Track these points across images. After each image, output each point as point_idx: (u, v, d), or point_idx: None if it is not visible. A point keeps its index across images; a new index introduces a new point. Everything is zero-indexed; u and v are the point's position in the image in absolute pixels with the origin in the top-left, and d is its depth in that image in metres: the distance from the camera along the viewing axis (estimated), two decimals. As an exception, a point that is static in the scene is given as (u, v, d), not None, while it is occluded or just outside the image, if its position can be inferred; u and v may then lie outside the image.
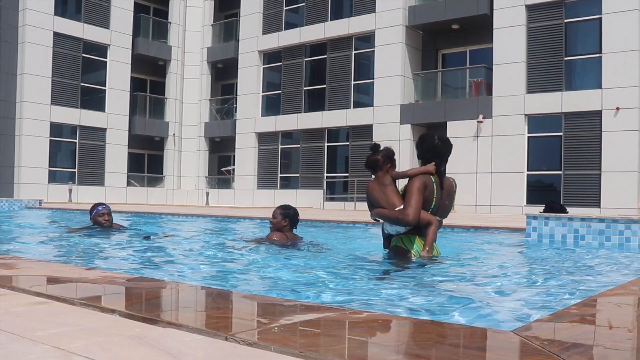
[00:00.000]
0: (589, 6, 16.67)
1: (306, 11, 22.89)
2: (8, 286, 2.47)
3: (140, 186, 26.13)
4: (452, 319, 2.38)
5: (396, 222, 4.15)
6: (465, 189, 18.29)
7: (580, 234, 6.30)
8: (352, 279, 3.68)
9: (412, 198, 4.05)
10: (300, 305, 2.32)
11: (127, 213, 13.55)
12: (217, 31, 27.16)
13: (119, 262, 4.29)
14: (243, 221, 11.20)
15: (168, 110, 26.93)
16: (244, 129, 24.40)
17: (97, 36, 24.06)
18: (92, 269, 3.24)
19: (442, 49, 20.83)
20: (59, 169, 23.40)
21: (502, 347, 1.67)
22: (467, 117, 18.31)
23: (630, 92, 15.73)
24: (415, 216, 4.03)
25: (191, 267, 4.20)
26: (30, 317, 1.92)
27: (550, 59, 17.24)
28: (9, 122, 22.34)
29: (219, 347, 1.58)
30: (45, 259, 4.18)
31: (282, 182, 23.55)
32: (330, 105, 22.02)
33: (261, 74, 24.48)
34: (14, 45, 22.35)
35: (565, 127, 16.95)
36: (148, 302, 2.35)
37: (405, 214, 4.03)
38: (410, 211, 4.02)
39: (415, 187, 4.09)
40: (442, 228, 4.62)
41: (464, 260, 4.81)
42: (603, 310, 2.35)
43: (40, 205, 16.54)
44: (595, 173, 16.33)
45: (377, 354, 1.58)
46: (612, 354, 1.61)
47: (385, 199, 4.22)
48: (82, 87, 23.88)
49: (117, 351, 1.53)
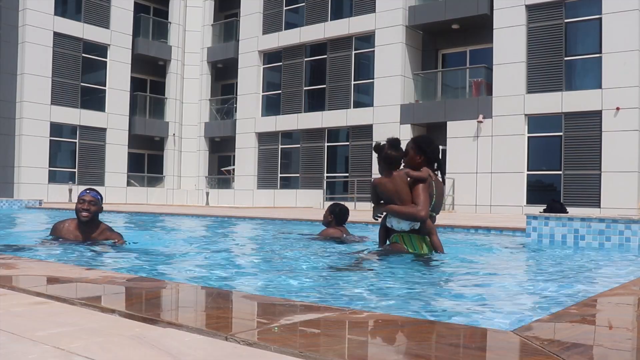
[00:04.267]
0: (589, 6, 16.67)
1: (306, 11, 22.89)
2: (8, 286, 2.47)
3: (140, 186, 26.13)
4: (452, 319, 2.38)
5: (410, 219, 4.39)
6: (465, 189, 18.29)
7: (580, 234, 6.30)
8: (351, 278, 3.68)
9: (424, 196, 4.35)
10: (300, 305, 2.32)
11: (127, 213, 13.55)
12: (217, 31, 27.16)
13: (119, 262, 4.29)
14: (243, 221, 11.21)
15: (168, 110, 26.94)
16: (244, 129, 24.41)
17: (97, 36, 24.06)
18: (92, 269, 3.24)
19: (442, 49, 20.83)
20: (59, 169, 23.40)
21: (502, 347, 1.67)
22: (467, 117, 18.31)
23: (630, 92, 15.73)
24: (427, 213, 4.35)
25: (191, 267, 4.20)
26: (30, 317, 1.92)
27: (550, 59, 17.24)
28: (9, 122, 22.35)
29: (219, 347, 1.58)
30: (45, 259, 4.18)
31: (282, 182, 23.55)
32: (330, 105, 22.02)
33: (261, 74, 24.48)
34: (14, 45, 22.35)
35: (565, 127, 16.95)
36: (148, 302, 2.35)
37: (420, 210, 4.32)
38: (424, 208, 4.32)
39: (425, 186, 4.40)
40: (441, 228, 4.74)
41: (464, 260, 4.81)
42: (603, 310, 2.35)
43: (40, 205, 16.54)
44: (595, 173, 16.33)
45: (377, 354, 1.58)
46: (612, 354, 1.61)
47: (402, 196, 4.39)
48: (82, 87, 23.89)
49: (117, 351, 1.53)
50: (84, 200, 4.91)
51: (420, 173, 4.42)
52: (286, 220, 10.16)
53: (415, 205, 4.33)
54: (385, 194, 4.46)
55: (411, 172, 4.42)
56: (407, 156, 4.53)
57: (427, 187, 4.39)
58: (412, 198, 4.37)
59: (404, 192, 4.38)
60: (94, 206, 4.92)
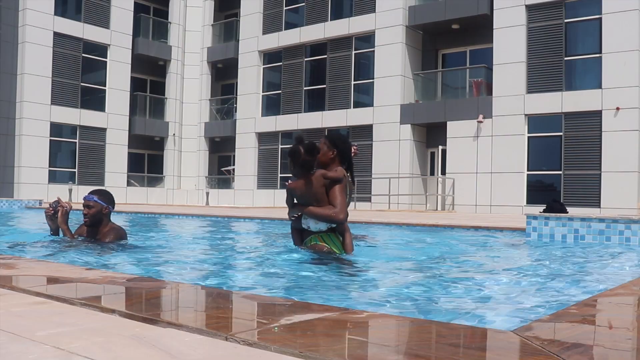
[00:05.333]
0: (589, 6, 16.68)
1: (306, 11, 22.89)
2: (8, 286, 2.47)
3: (140, 186, 26.13)
4: (452, 319, 2.38)
5: (329, 221, 4.42)
6: (465, 189, 18.29)
7: (580, 234, 6.31)
8: (351, 277, 3.68)
9: (341, 198, 4.40)
10: (300, 305, 2.32)
11: (127, 213, 13.55)
12: (217, 31, 27.16)
13: (119, 262, 4.29)
14: (243, 221, 11.20)
15: (168, 110, 26.94)
16: (244, 129, 24.41)
17: (97, 36, 24.07)
18: (92, 269, 3.24)
19: (442, 49, 20.83)
20: (59, 169, 23.40)
21: (502, 347, 1.66)
22: (467, 117, 18.31)
23: (630, 92, 15.74)
24: (346, 215, 4.42)
25: (191, 267, 4.20)
26: (30, 317, 1.92)
27: (550, 59, 17.24)
28: (9, 122, 22.35)
29: (219, 347, 1.58)
30: (45, 259, 4.18)
31: (282, 182, 23.55)
32: (330, 105, 22.02)
33: (261, 74, 24.49)
34: (14, 45, 22.35)
35: (565, 127, 16.95)
36: (148, 302, 2.35)
37: (338, 212, 4.36)
38: (343, 209, 4.39)
39: (341, 187, 4.44)
40: (441, 228, 4.73)
41: (464, 260, 4.81)
42: (603, 310, 2.35)
43: (40, 205, 16.54)
44: (595, 173, 16.33)
45: (377, 354, 1.58)
46: (612, 354, 1.61)
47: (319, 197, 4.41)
48: (82, 87, 23.89)
49: (117, 351, 1.53)
50: (83, 204, 5.01)
51: (336, 174, 4.45)
52: (286, 220, 10.16)
53: (333, 206, 4.37)
54: (301, 198, 4.49)
55: (328, 174, 4.44)
56: (320, 151, 4.52)
57: (344, 187, 4.44)
58: (329, 199, 4.41)
59: (320, 193, 4.41)
60: (91, 209, 4.94)
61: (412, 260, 4.90)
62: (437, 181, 19.77)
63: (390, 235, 8.02)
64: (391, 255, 5.37)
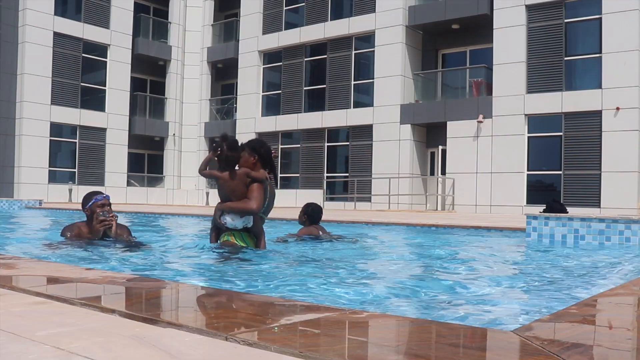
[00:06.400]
0: (589, 6, 16.68)
1: (306, 11, 22.89)
2: (8, 286, 2.47)
3: (140, 186, 26.13)
4: (452, 319, 2.38)
5: (243, 212, 4.63)
6: (465, 189, 18.29)
7: (580, 234, 6.31)
8: (350, 277, 3.68)
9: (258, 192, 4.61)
10: (300, 305, 2.32)
11: (127, 213, 13.55)
12: (217, 31, 27.16)
13: (118, 262, 4.29)
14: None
15: (168, 110, 26.94)
16: (244, 129, 24.40)
17: (97, 36, 24.07)
18: (92, 269, 3.24)
19: (442, 49, 20.83)
20: (59, 169, 23.40)
21: (502, 347, 1.66)
22: (467, 117, 18.31)
23: (630, 92, 15.74)
24: (259, 206, 4.61)
25: (191, 267, 4.20)
26: (30, 317, 1.92)
27: (550, 59, 17.24)
28: (9, 122, 22.35)
29: (219, 347, 1.58)
30: (45, 259, 4.18)
31: (282, 182, 23.54)
32: (330, 105, 22.02)
33: (261, 74, 24.49)
34: (14, 45, 22.35)
35: (565, 127, 16.95)
36: (148, 302, 2.35)
37: (252, 203, 4.56)
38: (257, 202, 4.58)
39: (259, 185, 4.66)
40: (442, 228, 4.71)
41: (464, 260, 4.81)
42: (603, 310, 2.35)
43: (40, 205, 16.54)
44: (595, 173, 16.33)
45: (377, 354, 1.58)
46: (612, 354, 1.61)
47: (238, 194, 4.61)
48: (82, 87, 23.89)
49: (117, 351, 1.53)
50: (104, 204, 4.96)
51: (258, 174, 4.67)
52: (286, 220, 10.16)
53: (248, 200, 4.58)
54: (223, 191, 4.70)
55: (251, 173, 4.66)
56: (242, 158, 4.74)
57: (263, 187, 4.67)
58: (247, 194, 4.62)
59: (240, 190, 4.62)
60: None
61: (412, 260, 4.91)
62: (437, 181, 19.77)
63: (390, 235, 8.02)
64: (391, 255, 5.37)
